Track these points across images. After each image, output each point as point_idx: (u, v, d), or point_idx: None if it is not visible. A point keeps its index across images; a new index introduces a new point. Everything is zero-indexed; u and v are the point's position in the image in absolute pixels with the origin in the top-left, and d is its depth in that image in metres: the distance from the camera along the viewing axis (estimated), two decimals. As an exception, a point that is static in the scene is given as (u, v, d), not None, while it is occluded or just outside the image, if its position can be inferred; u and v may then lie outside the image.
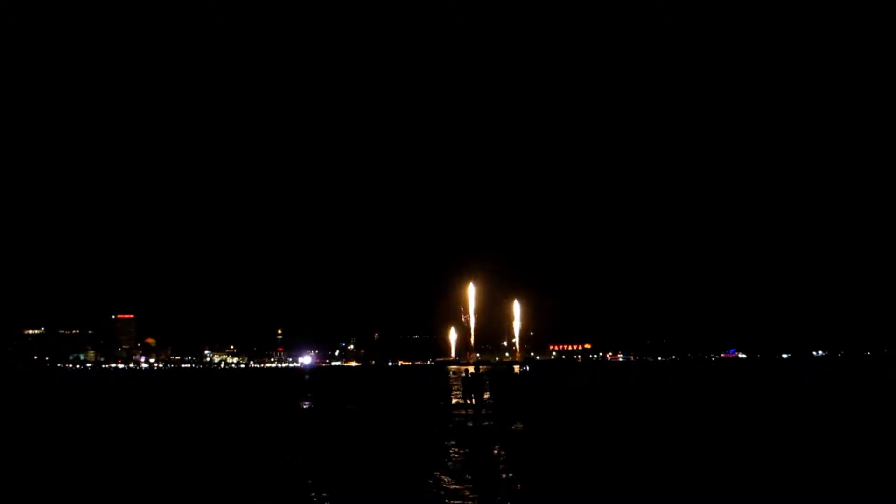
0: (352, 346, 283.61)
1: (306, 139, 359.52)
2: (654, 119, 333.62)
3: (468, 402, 24.16)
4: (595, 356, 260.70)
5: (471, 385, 23.74)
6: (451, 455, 16.05)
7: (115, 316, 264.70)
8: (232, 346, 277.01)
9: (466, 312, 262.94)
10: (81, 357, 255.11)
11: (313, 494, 12.26)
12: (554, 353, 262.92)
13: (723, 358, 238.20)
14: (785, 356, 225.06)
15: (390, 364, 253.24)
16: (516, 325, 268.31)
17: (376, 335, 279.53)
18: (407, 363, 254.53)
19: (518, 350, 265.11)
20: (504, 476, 13.54)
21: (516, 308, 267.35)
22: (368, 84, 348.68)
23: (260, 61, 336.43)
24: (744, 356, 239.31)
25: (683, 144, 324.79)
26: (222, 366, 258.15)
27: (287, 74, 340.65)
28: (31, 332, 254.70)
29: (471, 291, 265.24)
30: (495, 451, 16.61)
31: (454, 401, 24.63)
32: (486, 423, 21.96)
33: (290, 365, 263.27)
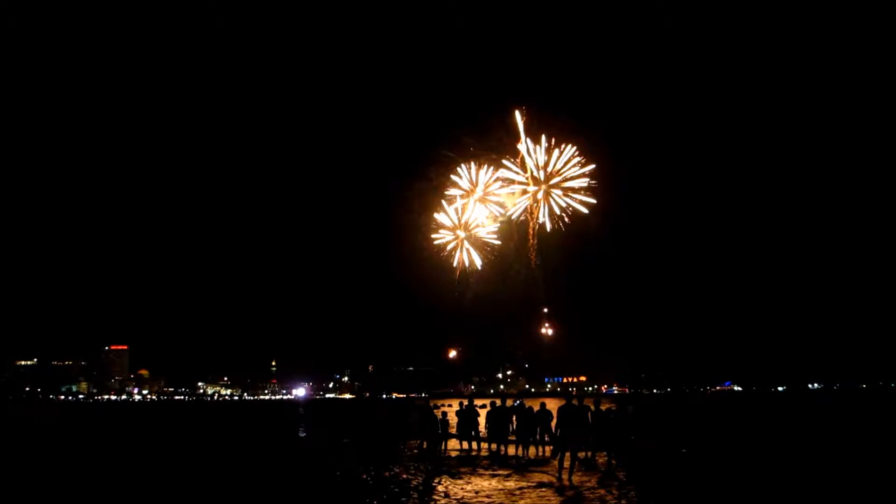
0: (346, 379, 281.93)
1: (309, 153, 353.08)
2: (657, 122, 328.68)
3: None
4: (590, 388, 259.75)
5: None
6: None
7: (108, 347, 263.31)
8: (226, 378, 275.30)
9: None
10: (74, 388, 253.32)
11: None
12: (549, 386, 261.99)
13: (717, 391, 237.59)
14: (780, 388, 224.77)
15: (384, 396, 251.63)
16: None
17: (371, 367, 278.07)
18: (401, 395, 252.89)
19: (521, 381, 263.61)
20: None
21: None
22: (369, 86, 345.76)
23: (260, 61, 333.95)
24: (739, 389, 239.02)
25: (686, 156, 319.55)
26: (216, 397, 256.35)
27: (287, 77, 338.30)
28: (23, 363, 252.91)
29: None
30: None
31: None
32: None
33: (284, 397, 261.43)
